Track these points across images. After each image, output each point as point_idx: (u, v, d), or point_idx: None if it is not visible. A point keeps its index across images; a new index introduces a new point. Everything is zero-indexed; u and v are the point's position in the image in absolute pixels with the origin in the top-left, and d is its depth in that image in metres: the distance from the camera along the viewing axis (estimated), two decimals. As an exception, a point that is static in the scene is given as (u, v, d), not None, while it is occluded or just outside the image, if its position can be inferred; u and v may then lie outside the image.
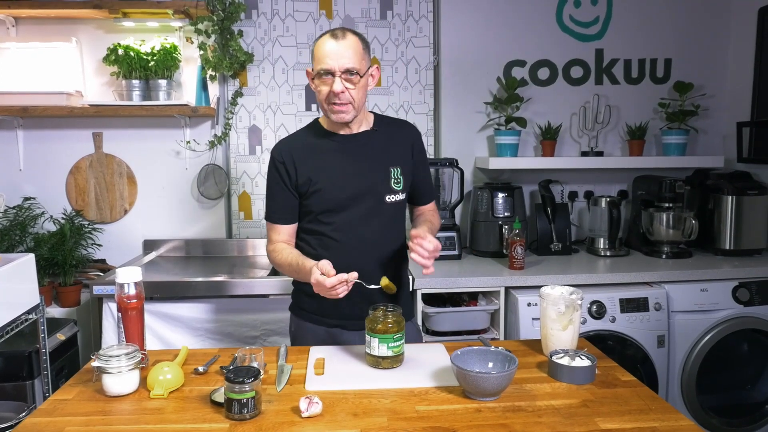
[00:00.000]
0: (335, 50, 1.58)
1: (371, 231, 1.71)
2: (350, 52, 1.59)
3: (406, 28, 2.96)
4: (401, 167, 1.74)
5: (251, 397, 1.24)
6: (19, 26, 2.82)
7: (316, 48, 1.62)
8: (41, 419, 1.26)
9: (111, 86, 2.86)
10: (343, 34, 1.60)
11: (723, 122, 3.15)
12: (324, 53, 1.59)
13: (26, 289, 1.93)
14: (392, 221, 1.76)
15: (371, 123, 1.77)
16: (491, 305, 2.49)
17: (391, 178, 1.72)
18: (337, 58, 1.58)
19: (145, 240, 2.95)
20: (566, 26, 3.04)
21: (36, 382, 2.21)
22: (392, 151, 1.75)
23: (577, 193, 3.12)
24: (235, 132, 2.94)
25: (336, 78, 1.59)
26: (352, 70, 1.59)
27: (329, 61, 1.58)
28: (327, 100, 1.63)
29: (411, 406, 1.31)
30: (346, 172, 1.69)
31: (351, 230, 1.70)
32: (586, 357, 1.47)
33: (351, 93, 1.61)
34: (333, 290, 1.47)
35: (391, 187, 1.72)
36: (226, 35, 2.76)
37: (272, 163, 1.73)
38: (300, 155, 1.70)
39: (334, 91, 1.59)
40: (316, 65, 1.62)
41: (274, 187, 1.73)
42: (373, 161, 1.72)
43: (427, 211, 1.89)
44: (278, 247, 1.73)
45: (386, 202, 1.72)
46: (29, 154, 2.89)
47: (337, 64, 1.58)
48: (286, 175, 1.70)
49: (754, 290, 2.52)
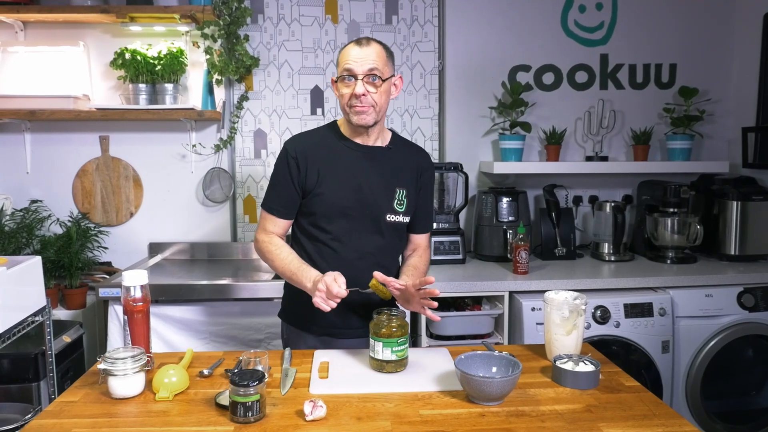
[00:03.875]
0: (359, 54, 1.61)
1: (369, 245, 1.71)
2: (373, 56, 1.61)
3: (411, 33, 2.97)
4: (407, 190, 1.74)
5: (256, 400, 1.24)
6: (28, 30, 2.84)
7: (341, 54, 1.65)
8: (47, 421, 1.27)
9: (118, 90, 2.87)
10: (368, 42, 1.63)
11: (728, 127, 3.14)
12: (348, 57, 1.62)
13: (33, 291, 1.93)
14: (390, 240, 1.75)
15: (387, 140, 1.77)
16: (495, 310, 2.49)
17: (395, 198, 1.72)
18: (360, 62, 1.60)
19: (150, 243, 2.96)
20: (571, 31, 3.05)
21: (42, 384, 2.21)
22: (401, 173, 1.75)
23: (582, 197, 3.12)
24: (241, 136, 2.95)
25: (358, 81, 1.60)
26: (375, 74, 1.60)
27: (352, 64, 1.61)
28: (348, 102, 1.63)
29: (415, 410, 1.31)
30: (352, 182, 1.69)
31: (349, 242, 1.70)
32: (590, 362, 1.47)
33: (373, 96, 1.62)
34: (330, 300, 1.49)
35: (394, 208, 1.72)
36: (232, 39, 2.78)
37: (284, 156, 1.72)
38: (313, 154, 1.70)
39: (355, 93, 1.60)
40: (340, 69, 1.65)
41: (280, 180, 1.73)
42: (381, 177, 1.71)
43: (419, 248, 1.85)
44: (275, 241, 1.73)
45: (386, 220, 1.72)
46: (36, 157, 2.91)
47: (359, 67, 1.60)
48: (296, 171, 1.69)
49: (759, 296, 2.51)
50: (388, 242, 1.75)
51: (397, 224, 1.75)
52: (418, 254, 1.84)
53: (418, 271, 1.75)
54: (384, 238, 1.73)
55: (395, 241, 1.79)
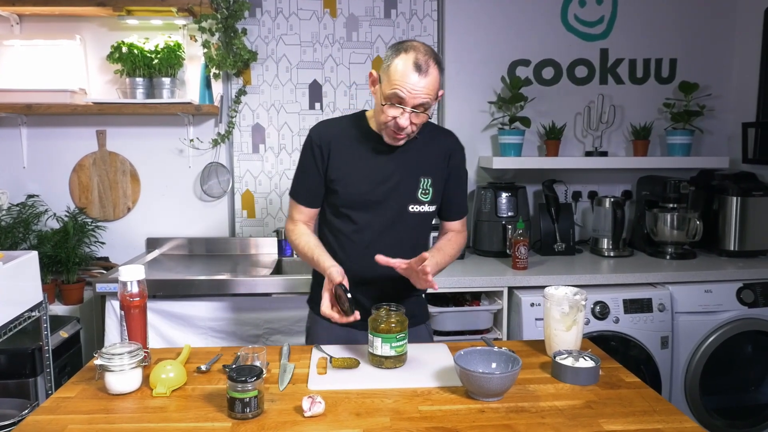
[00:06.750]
0: (416, 85, 1.50)
1: (391, 237, 1.68)
2: (429, 88, 1.52)
3: (410, 27, 2.96)
4: (432, 178, 1.70)
5: (254, 396, 1.24)
6: (24, 24, 2.82)
7: (395, 68, 1.52)
8: (44, 417, 1.26)
9: (115, 84, 2.86)
10: (427, 67, 1.51)
11: (728, 123, 3.13)
12: (403, 83, 1.51)
13: (29, 286, 1.93)
14: (414, 232, 1.72)
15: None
16: (494, 305, 2.48)
17: (419, 188, 1.69)
18: (414, 94, 1.51)
19: (148, 238, 2.95)
20: (571, 26, 3.03)
21: (39, 380, 2.21)
22: (427, 161, 1.70)
23: (581, 193, 3.12)
24: (239, 130, 2.94)
25: (405, 113, 1.54)
26: (425, 106, 1.55)
27: (406, 95, 1.51)
28: (388, 125, 1.57)
29: (414, 406, 1.31)
30: (374, 174, 1.66)
31: (371, 234, 1.67)
32: (589, 358, 1.46)
33: (414, 126, 1.58)
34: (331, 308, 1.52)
35: (417, 198, 1.68)
36: (230, 33, 2.76)
37: (309, 143, 1.70)
38: (337, 144, 1.67)
39: (399, 124, 1.55)
40: (389, 87, 1.53)
41: (305, 167, 1.71)
42: (404, 168, 1.67)
43: (449, 232, 1.81)
44: (300, 229, 1.72)
45: (409, 211, 1.68)
46: (33, 151, 2.90)
47: (412, 100, 1.52)
48: (320, 158, 1.67)
49: (759, 292, 2.51)
50: (412, 233, 1.72)
51: (422, 214, 1.71)
52: (447, 237, 1.79)
53: (441, 252, 1.70)
54: (407, 228, 1.70)
55: (420, 231, 1.75)
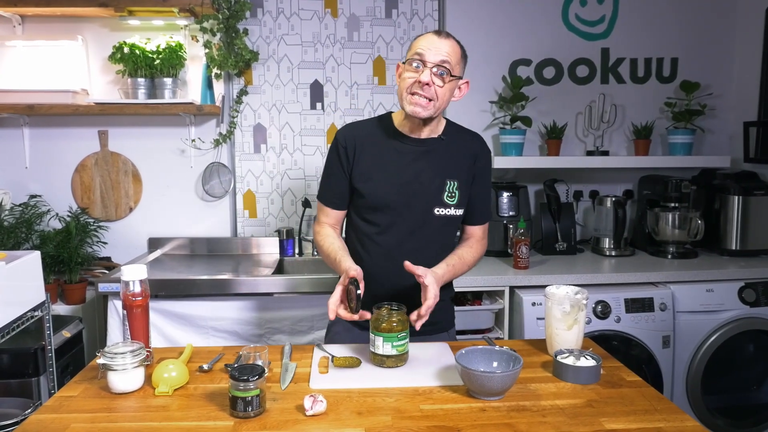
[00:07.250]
0: (434, 43, 1.56)
1: (416, 240, 1.66)
2: (449, 50, 1.56)
3: (411, 27, 2.96)
4: (459, 181, 1.68)
5: (256, 395, 1.24)
6: (26, 24, 2.83)
7: (415, 41, 1.60)
8: (46, 416, 1.26)
9: (116, 84, 2.86)
10: (447, 35, 1.59)
11: (729, 122, 3.13)
12: (422, 44, 1.57)
13: (32, 286, 1.93)
14: (439, 235, 1.69)
15: (440, 130, 1.70)
16: (496, 304, 2.48)
17: (445, 191, 1.67)
18: (434, 50, 1.55)
19: (150, 238, 2.95)
20: (572, 25, 3.03)
21: (41, 379, 2.21)
22: (453, 163, 1.68)
23: (582, 192, 3.12)
24: (240, 130, 2.94)
25: (426, 69, 1.54)
26: (446, 67, 1.55)
27: (426, 51, 1.55)
28: (410, 89, 1.56)
29: (415, 405, 1.31)
30: (399, 176, 1.65)
31: (395, 236, 1.66)
32: (591, 357, 1.46)
33: (437, 89, 1.56)
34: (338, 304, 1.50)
35: (443, 200, 1.66)
36: (231, 33, 2.76)
37: (335, 146, 1.70)
38: (362, 145, 1.67)
39: (420, 80, 1.54)
40: (411, 53, 1.58)
41: (331, 170, 1.71)
42: (430, 170, 1.66)
43: (471, 239, 1.77)
44: (325, 231, 1.72)
45: (434, 214, 1.66)
46: (35, 151, 2.90)
47: (432, 56, 1.54)
48: (345, 160, 1.67)
49: (761, 291, 2.51)
50: (437, 236, 1.70)
51: (449, 218, 1.68)
52: (468, 244, 1.76)
53: (461, 261, 1.68)
54: (432, 232, 1.68)
55: (446, 235, 1.73)
